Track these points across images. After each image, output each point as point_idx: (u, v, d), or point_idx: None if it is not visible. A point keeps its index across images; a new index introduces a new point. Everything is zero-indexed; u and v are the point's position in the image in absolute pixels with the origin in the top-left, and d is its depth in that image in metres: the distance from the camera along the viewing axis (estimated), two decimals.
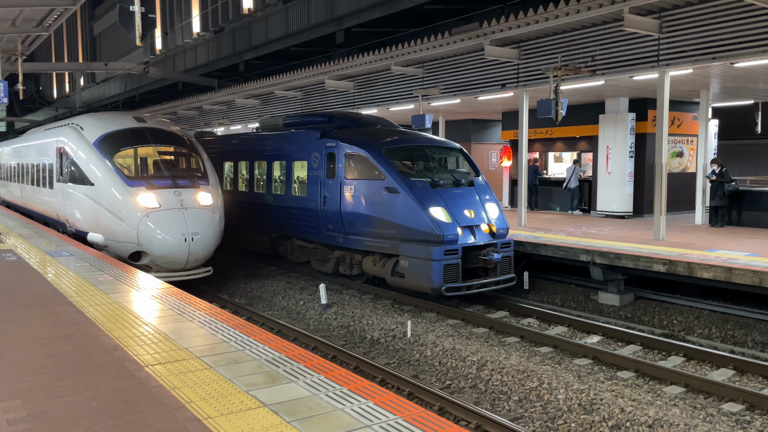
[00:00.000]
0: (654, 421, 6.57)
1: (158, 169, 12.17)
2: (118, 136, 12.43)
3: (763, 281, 9.03)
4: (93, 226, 11.95)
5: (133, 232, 11.13)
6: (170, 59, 32.31)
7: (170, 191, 11.53)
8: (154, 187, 11.48)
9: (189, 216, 11.34)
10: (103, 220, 11.60)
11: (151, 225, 11.08)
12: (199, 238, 11.32)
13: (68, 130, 13.38)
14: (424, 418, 3.71)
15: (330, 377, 4.41)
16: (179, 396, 4.05)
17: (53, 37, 48.05)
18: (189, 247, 11.21)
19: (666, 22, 11.77)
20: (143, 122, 13.17)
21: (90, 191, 11.92)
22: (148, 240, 11.09)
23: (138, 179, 11.63)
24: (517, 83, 14.88)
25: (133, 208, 11.18)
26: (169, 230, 11.11)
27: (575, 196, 18.56)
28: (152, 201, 11.29)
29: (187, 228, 11.22)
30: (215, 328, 5.74)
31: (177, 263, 11.37)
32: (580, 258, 11.41)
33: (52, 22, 16.03)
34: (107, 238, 11.58)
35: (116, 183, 11.53)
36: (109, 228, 11.51)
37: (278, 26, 23.61)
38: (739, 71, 12.36)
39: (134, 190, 11.38)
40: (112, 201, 11.43)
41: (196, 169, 12.69)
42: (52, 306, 6.54)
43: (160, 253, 11.18)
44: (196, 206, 11.59)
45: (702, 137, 15.66)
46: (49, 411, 3.83)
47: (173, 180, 11.82)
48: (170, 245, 11.11)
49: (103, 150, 12.10)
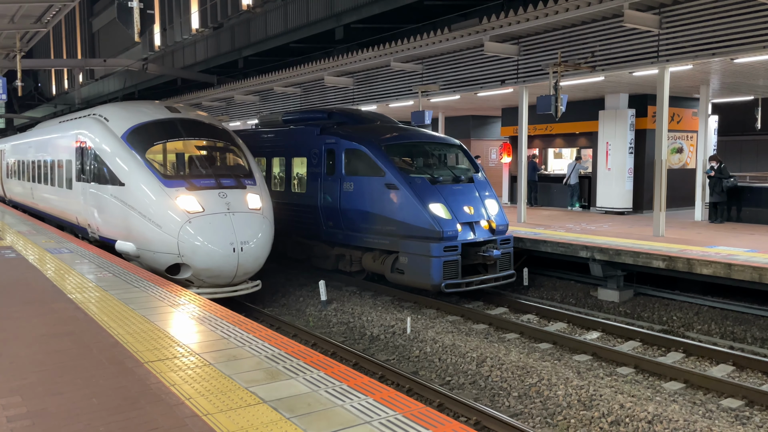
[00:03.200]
0: (653, 417, 6.57)
1: (198, 166, 10.54)
2: (150, 129, 10.81)
3: (762, 277, 9.04)
4: (122, 233, 10.41)
5: (172, 240, 9.52)
6: (169, 56, 32.26)
7: (214, 192, 9.95)
8: (196, 188, 9.90)
9: (237, 222, 9.75)
10: (135, 226, 10.02)
11: (194, 232, 9.48)
12: (249, 247, 9.73)
13: (90, 122, 11.81)
14: (423, 414, 3.71)
15: (329, 374, 4.41)
16: (179, 392, 4.05)
17: (52, 33, 47.94)
18: (238, 258, 9.62)
19: (666, 18, 11.75)
20: (177, 112, 11.56)
21: (119, 192, 10.34)
22: (191, 250, 9.49)
23: (176, 178, 10.05)
24: (517, 79, 14.85)
25: (173, 213, 9.61)
26: (215, 238, 9.51)
27: (575, 193, 18.55)
28: (194, 204, 9.71)
29: (236, 236, 9.62)
30: (215, 324, 5.74)
31: (224, 277, 9.83)
32: (579, 254, 11.41)
33: (50, 18, 16.00)
34: (140, 247, 10.01)
35: (151, 183, 9.94)
36: (142, 235, 9.90)
37: (277, 22, 23.57)
38: (738, 67, 12.35)
39: (173, 191, 9.79)
40: (147, 204, 9.85)
41: (241, 166, 11.08)
42: (52, 303, 6.54)
43: (204, 266, 9.58)
44: (245, 210, 9.99)
45: (702, 133, 15.65)
46: (49, 408, 3.83)
47: (217, 179, 10.22)
48: (216, 256, 9.51)
49: (134, 144, 10.49)
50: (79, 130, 12.27)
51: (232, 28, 26.40)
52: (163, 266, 9.81)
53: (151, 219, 9.75)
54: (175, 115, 11.35)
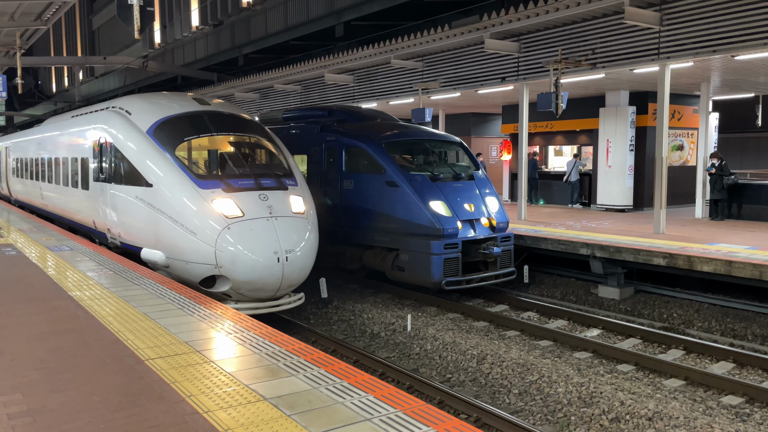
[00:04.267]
0: (654, 414, 6.58)
1: (235, 164, 9.53)
2: (178, 123, 9.82)
3: (762, 274, 9.03)
4: (150, 240, 9.36)
5: (208, 249, 8.46)
6: (169, 53, 32.23)
7: (254, 194, 8.92)
8: (234, 189, 8.88)
9: (281, 227, 8.73)
10: (165, 232, 8.97)
11: (233, 240, 8.43)
12: (294, 256, 8.70)
13: (110, 116, 10.82)
14: (424, 411, 3.72)
15: (330, 371, 4.41)
16: (179, 390, 4.05)
17: (52, 31, 47.90)
18: (282, 268, 8.59)
19: (666, 15, 11.73)
20: (206, 104, 10.56)
21: (146, 194, 9.30)
22: (230, 260, 8.44)
23: (211, 178, 9.00)
24: (518, 76, 14.84)
25: (209, 218, 8.56)
26: (257, 247, 8.46)
27: (575, 190, 18.55)
28: (233, 208, 8.67)
29: (280, 243, 8.59)
30: (215, 321, 5.74)
31: (267, 290, 8.81)
32: (580, 251, 11.41)
33: (50, 15, 15.98)
34: (171, 256, 8.97)
35: (183, 184, 8.90)
36: (173, 243, 8.86)
37: (277, 20, 23.53)
38: (739, 64, 12.33)
39: (208, 193, 8.75)
40: (179, 208, 8.80)
41: (280, 164, 10.06)
42: (52, 300, 6.54)
43: (245, 278, 8.53)
44: (289, 214, 8.97)
45: (702, 130, 15.64)
46: (50, 405, 3.83)
47: (256, 179, 9.19)
48: (259, 267, 8.46)
49: (161, 140, 9.49)
50: (98, 125, 11.29)
51: (232, 25, 26.37)
52: (197, 278, 8.76)
53: (183, 225, 8.71)
54: (204, 108, 10.37)
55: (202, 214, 8.61)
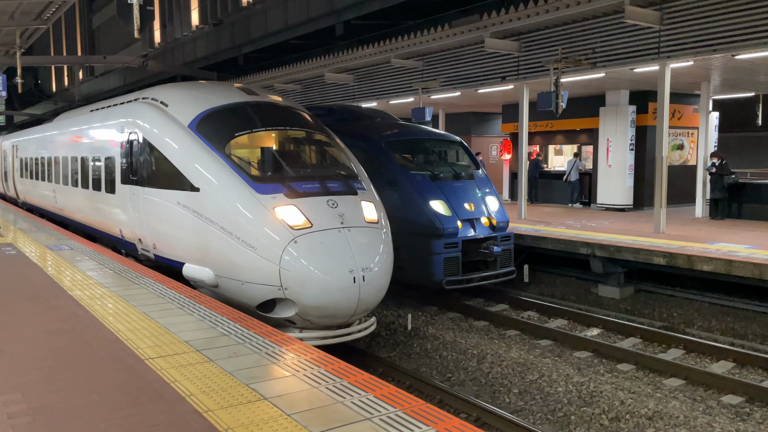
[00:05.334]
0: (654, 413, 6.58)
1: (296, 165, 8.24)
2: (226, 116, 8.54)
3: (763, 274, 9.03)
4: (194, 254, 8.00)
5: (271, 267, 7.06)
6: (169, 52, 32.21)
7: (322, 200, 7.55)
8: (297, 194, 7.51)
9: (355, 240, 7.31)
10: (215, 246, 7.61)
11: (301, 256, 7.02)
12: (372, 275, 7.25)
13: (142, 108, 9.51)
14: (424, 410, 3.71)
15: (330, 370, 4.41)
16: (179, 389, 4.05)
17: (52, 30, 47.86)
18: (359, 290, 7.14)
19: (667, 14, 11.73)
20: (255, 94, 9.24)
21: (191, 200, 7.91)
22: (298, 281, 7.01)
23: (270, 181, 7.67)
24: (518, 76, 14.83)
25: (272, 229, 7.17)
26: (330, 264, 7.05)
27: (575, 189, 18.55)
28: (298, 217, 7.28)
29: (355, 260, 7.16)
30: (215, 321, 5.74)
31: (339, 316, 7.34)
32: (580, 251, 11.41)
33: (50, 14, 15.98)
34: (222, 274, 7.60)
35: (238, 188, 7.54)
36: (226, 259, 7.50)
37: (277, 19, 23.51)
38: (739, 63, 12.33)
39: (268, 199, 7.39)
40: (233, 216, 7.43)
41: (344, 164, 8.76)
42: (52, 300, 6.54)
43: (316, 302, 7.08)
44: (362, 224, 7.59)
45: (702, 130, 15.64)
46: (50, 404, 3.83)
47: (321, 182, 7.83)
48: (332, 289, 7.02)
49: (208, 136, 8.16)
50: (126, 119, 9.95)
51: (232, 24, 26.35)
52: (255, 301, 7.37)
53: (239, 237, 7.32)
54: (253, 98, 9.07)
55: (262, 224, 7.25)
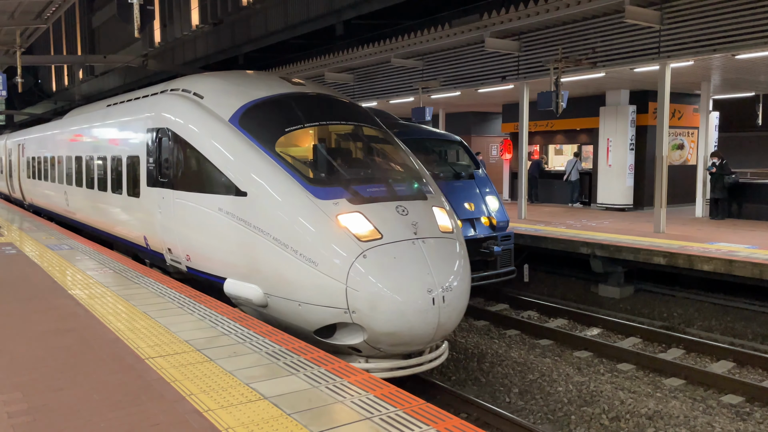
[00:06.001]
0: (654, 412, 6.58)
1: (357, 165, 7.30)
2: (273, 109, 7.52)
3: (763, 273, 9.03)
4: (239, 268, 6.91)
5: (336, 287, 5.98)
6: (169, 52, 32.20)
7: (390, 206, 6.51)
8: (362, 199, 6.49)
9: (431, 254, 6.24)
10: (265, 259, 6.53)
11: (372, 274, 5.94)
12: (452, 295, 6.14)
13: (173, 101, 8.47)
14: (424, 410, 3.71)
15: (330, 369, 4.41)
16: (179, 388, 4.05)
17: (52, 29, 47.87)
18: (439, 313, 6.00)
19: (667, 14, 11.73)
20: (300, 85, 8.28)
21: (236, 206, 6.85)
22: (369, 303, 5.90)
23: (329, 184, 6.65)
24: (518, 75, 14.83)
25: (336, 241, 6.12)
26: (406, 283, 5.95)
27: (575, 189, 18.55)
28: (365, 225, 6.23)
29: (434, 277, 6.06)
30: (215, 321, 5.74)
31: (416, 343, 6.20)
32: (580, 251, 11.41)
33: (50, 14, 15.96)
34: (273, 293, 6.53)
35: (293, 192, 6.50)
36: (279, 275, 6.42)
37: (277, 18, 23.50)
38: (740, 63, 12.33)
39: (329, 205, 6.35)
40: (288, 225, 6.36)
41: (406, 164, 7.69)
42: (52, 299, 6.54)
43: (389, 328, 5.94)
44: (437, 234, 6.53)
45: (703, 129, 15.64)
46: (50, 404, 3.83)
47: (387, 185, 6.83)
48: (409, 312, 5.90)
49: (253, 132, 7.12)
50: (155, 113, 8.88)
51: (232, 24, 26.34)
52: (314, 325, 6.29)
53: (296, 250, 6.23)
54: (299, 89, 8.06)
55: (324, 234, 6.17)
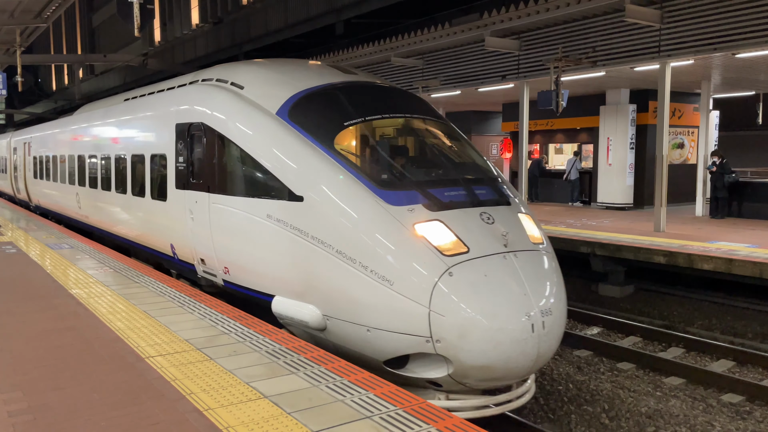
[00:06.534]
0: (654, 411, 6.58)
1: (429, 164, 6.46)
2: (328, 100, 6.61)
3: (763, 272, 9.03)
4: (291, 285, 5.99)
5: (417, 310, 5.00)
6: (169, 51, 32.20)
7: (474, 213, 5.64)
8: (441, 205, 5.57)
9: (526, 270, 5.35)
10: (326, 275, 5.60)
11: (460, 294, 4.99)
12: (552, 320, 5.25)
13: (207, 92, 7.49)
14: (423, 408, 3.72)
15: (330, 369, 4.41)
16: (180, 387, 4.05)
17: (52, 28, 47.88)
18: (538, 342, 5.09)
19: (667, 13, 11.72)
20: (352, 74, 7.43)
21: (290, 213, 5.91)
22: (456, 330, 4.93)
23: (401, 187, 5.71)
24: (518, 74, 14.82)
25: (414, 255, 5.17)
26: (501, 306, 5.02)
27: (575, 188, 18.55)
28: (447, 236, 5.31)
29: (531, 299, 5.18)
30: (215, 320, 5.74)
31: (510, 377, 5.25)
32: (580, 250, 11.40)
33: (50, 13, 15.97)
34: (334, 315, 5.58)
35: (361, 197, 5.58)
36: (343, 295, 5.47)
37: (277, 17, 23.50)
38: (740, 62, 12.32)
39: (403, 212, 5.43)
40: (355, 236, 5.43)
41: (479, 163, 6.75)
42: (53, 298, 6.54)
43: (481, 360, 4.96)
44: (528, 246, 5.66)
45: (703, 128, 15.63)
46: (50, 403, 3.83)
47: (467, 188, 5.93)
48: (506, 341, 4.95)
49: (307, 127, 6.21)
50: (186, 107, 7.88)
51: (233, 23, 26.34)
52: (386, 354, 5.29)
53: (366, 265, 5.27)
54: (353, 78, 7.19)
55: (400, 247, 5.22)
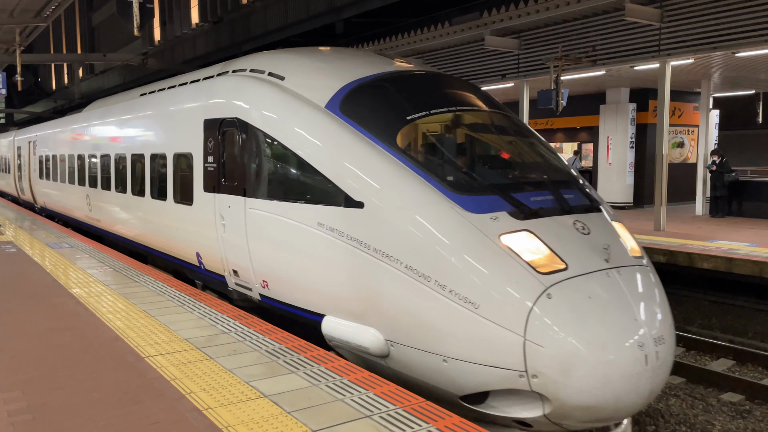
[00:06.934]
0: (654, 410, 6.58)
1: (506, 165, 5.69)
2: (386, 91, 5.80)
3: (763, 271, 9.03)
4: (347, 304, 5.20)
5: (508, 339, 4.24)
6: (169, 50, 32.20)
7: (566, 221, 4.88)
8: (529, 212, 4.81)
9: (632, 291, 4.54)
10: (392, 294, 4.78)
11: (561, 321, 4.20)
12: (665, 348, 4.39)
13: (243, 84, 6.66)
14: (423, 408, 3.72)
15: (330, 368, 4.41)
16: (179, 387, 4.05)
17: (51, 28, 47.88)
18: (652, 375, 4.26)
19: (667, 12, 11.72)
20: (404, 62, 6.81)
21: (347, 221, 5.11)
22: (560, 364, 4.12)
23: (480, 192, 4.92)
24: (518, 73, 14.82)
25: (504, 272, 4.42)
26: (611, 335, 4.21)
27: None
28: (540, 250, 4.57)
29: (643, 325, 4.35)
30: (215, 319, 5.74)
31: (616, 417, 4.43)
32: None
33: (50, 12, 15.96)
34: (401, 340, 4.78)
35: (434, 202, 4.79)
36: (415, 318, 4.66)
37: (277, 16, 23.49)
38: (740, 61, 12.32)
39: (486, 221, 4.67)
40: (430, 248, 4.62)
41: (556, 162, 5.87)
42: (52, 297, 6.54)
43: (586, 400, 4.14)
44: (629, 261, 4.83)
45: (703, 127, 15.64)
46: (50, 402, 3.83)
47: (554, 192, 5.13)
48: (616, 377, 4.13)
49: (363, 122, 5.43)
50: (217, 100, 7.05)
51: (232, 22, 26.34)
52: (465, 389, 4.49)
53: (443, 284, 4.45)
54: (408, 67, 6.53)
55: (486, 263, 4.42)
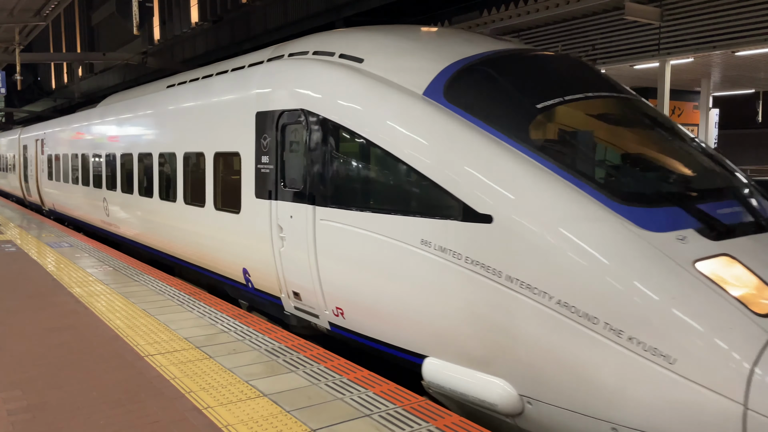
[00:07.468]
0: None
1: (669, 166, 4.78)
2: (503, 74, 4.87)
3: None
4: (460, 344, 4.19)
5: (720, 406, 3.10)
6: (169, 49, 32.18)
7: (764, 239, 4.06)
8: (723, 229, 3.90)
9: None
10: (536, 338, 3.72)
11: None
12: None
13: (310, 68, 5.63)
14: (423, 407, 3.72)
15: (329, 367, 4.41)
16: (179, 386, 4.05)
17: (51, 27, 47.85)
18: None
19: (667, 11, 11.71)
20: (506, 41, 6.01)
21: (465, 239, 4.08)
22: None
23: (656, 203, 3.96)
24: None
25: (705, 313, 3.34)
26: None
27: None
28: (748, 281, 3.60)
29: None
30: (215, 318, 5.74)
31: None
32: None
33: (49, 11, 15.97)
34: (546, 398, 3.75)
35: (596, 216, 3.76)
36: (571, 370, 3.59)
37: (277, 15, 23.49)
38: (740, 60, 12.32)
39: (670, 241, 3.66)
40: (592, 279, 3.55)
41: (721, 162, 5.05)
42: (52, 297, 6.54)
43: None
44: None
45: (702, 127, 15.63)
46: (50, 401, 3.83)
47: (741, 201, 4.42)
48: None
49: (479, 112, 4.45)
50: (277, 88, 5.96)
51: (232, 21, 26.33)
52: None
53: (618, 329, 3.47)
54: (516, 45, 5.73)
55: (678, 302, 3.44)
